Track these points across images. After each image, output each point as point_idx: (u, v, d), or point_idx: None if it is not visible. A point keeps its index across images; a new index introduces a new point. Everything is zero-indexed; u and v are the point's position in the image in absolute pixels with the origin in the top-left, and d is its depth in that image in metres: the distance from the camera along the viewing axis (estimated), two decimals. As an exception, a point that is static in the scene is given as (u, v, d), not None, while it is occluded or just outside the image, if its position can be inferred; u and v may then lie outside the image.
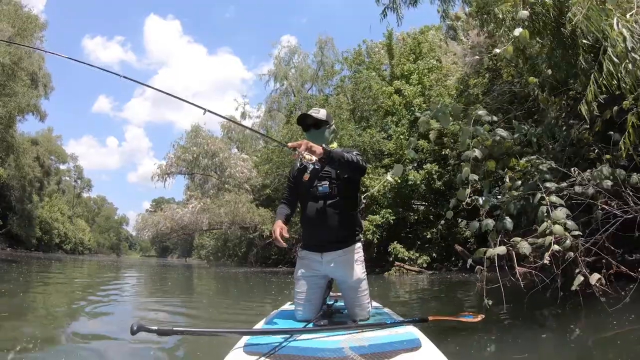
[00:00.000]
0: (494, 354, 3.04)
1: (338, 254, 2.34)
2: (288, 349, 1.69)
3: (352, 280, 2.32)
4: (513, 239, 3.24)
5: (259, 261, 23.53)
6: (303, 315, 2.30)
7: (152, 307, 5.75)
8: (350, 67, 19.85)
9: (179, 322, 4.70)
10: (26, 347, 2.97)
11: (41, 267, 16.41)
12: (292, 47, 25.48)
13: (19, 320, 4.18)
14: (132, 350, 3.07)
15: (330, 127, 2.54)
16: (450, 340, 2.95)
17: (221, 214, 19.93)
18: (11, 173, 31.80)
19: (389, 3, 6.02)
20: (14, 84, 15.53)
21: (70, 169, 56.49)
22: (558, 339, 3.23)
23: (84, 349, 3.14)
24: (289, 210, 2.63)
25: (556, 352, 2.94)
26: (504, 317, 3.79)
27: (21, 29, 16.98)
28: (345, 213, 2.37)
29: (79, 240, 55.69)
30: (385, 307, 2.80)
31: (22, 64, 16.12)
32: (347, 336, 1.87)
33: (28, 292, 6.84)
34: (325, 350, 1.68)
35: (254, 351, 1.65)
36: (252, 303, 6.50)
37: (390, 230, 14.33)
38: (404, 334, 1.92)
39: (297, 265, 2.48)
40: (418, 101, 15.43)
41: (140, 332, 1.44)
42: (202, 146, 22.15)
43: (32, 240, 40.54)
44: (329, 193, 2.34)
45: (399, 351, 1.64)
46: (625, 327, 3.12)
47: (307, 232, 2.47)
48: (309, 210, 2.39)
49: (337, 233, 2.34)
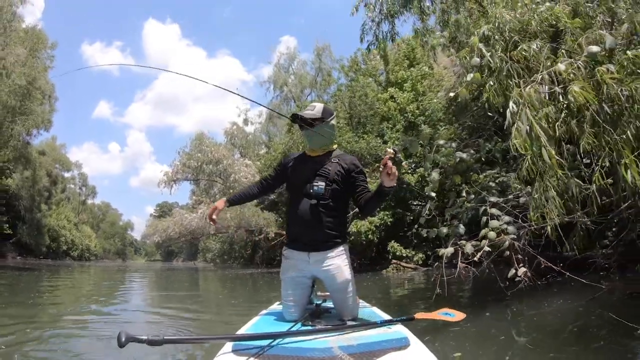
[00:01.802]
0: (480, 347, 3.34)
1: (326, 254, 2.35)
2: (277, 350, 1.72)
3: (339, 281, 2.33)
4: (460, 241, 4.39)
5: (264, 262, 24.71)
6: (291, 316, 2.33)
7: (176, 307, 6.42)
8: (346, 75, 20.99)
9: (193, 320, 5.26)
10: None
11: (60, 273, 17.74)
12: (291, 53, 26.75)
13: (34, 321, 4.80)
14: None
15: (327, 123, 2.48)
16: (437, 337, 3.31)
17: (228, 218, 21.15)
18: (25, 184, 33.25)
19: (372, 40, 7.14)
20: (30, 103, 16.82)
21: (75, 176, 58.15)
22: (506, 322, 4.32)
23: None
24: (256, 191, 2.68)
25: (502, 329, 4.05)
26: (484, 311, 4.38)
27: (33, 49, 18.29)
28: (336, 215, 2.39)
29: (86, 246, 57.24)
30: (373, 306, 2.87)
31: (36, 83, 17.35)
32: (336, 336, 1.91)
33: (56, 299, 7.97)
34: (314, 350, 1.72)
35: (243, 353, 1.67)
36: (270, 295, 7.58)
37: (388, 230, 15.43)
38: (392, 332, 1.98)
39: (282, 265, 2.48)
40: (411, 107, 16.48)
41: (129, 343, 1.43)
42: (207, 154, 23.36)
43: (42, 248, 41.98)
44: (322, 194, 2.35)
45: (388, 350, 1.69)
46: (541, 309, 4.28)
47: (295, 230, 2.45)
48: (300, 208, 2.38)
49: (326, 234, 2.35)
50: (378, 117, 18.04)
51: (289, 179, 2.54)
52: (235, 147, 26.35)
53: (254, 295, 9.08)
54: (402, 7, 6.74)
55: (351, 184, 2.39)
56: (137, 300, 8.33)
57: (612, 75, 2.86)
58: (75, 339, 3.86)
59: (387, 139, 16.19)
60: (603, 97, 2.91)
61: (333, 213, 2.36)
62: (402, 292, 8.17)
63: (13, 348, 3.36)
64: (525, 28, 5.07)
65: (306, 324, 2.16)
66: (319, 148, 2.50)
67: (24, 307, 6.08)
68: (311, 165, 2.42)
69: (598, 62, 3.20)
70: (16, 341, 3.61)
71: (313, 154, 2.51)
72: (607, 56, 3.18)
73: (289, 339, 1.84)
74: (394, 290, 8.49)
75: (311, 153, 2.52)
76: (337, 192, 2.36)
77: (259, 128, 28.17)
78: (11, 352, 3.22)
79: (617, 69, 2.95)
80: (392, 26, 7.05)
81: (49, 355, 3.30)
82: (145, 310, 6.30)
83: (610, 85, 2.86)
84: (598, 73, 2.96)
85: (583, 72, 3.08)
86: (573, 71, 3.13)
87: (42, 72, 18.75)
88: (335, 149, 2.54)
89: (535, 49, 4.54)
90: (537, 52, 4.55)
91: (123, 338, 1.41)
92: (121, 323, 4.91)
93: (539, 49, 4.53)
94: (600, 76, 2.94)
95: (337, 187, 2.35)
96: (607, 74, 2.91)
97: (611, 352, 2.85)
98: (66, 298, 8.19)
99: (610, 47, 3.23)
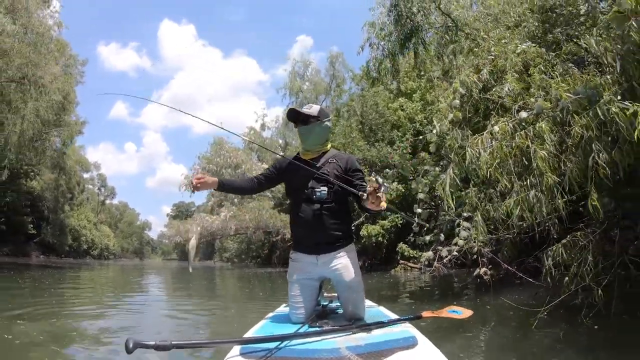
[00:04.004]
0: (485, 345, 3.64)
1: (334, 255, 2.41)
2: (284, 352, 1.75)
3: (348, 280, 2.37)
4: (437, 247, 5.95)
5: (281, 262, 26.38)
6: (299, 318, 2.37)
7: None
8: (358, 83, 22.54)
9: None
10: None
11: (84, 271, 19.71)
12: (306, 61, 28.51)
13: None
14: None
15: (322, 123, 2.51)
16: (446, 336, 3.46)
17: (247, 219, 22.87)
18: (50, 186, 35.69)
19: (376, 75, 8.71)
20: (66, 116, 18.91)
21: (94, 177, 60.92)
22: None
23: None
24: (247, 186, 2.76)
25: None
26: (487, 307, 5.35)
27: (65, 65, 20.37)
28: (340, 216, 2.45)
29: (105, 245, 59.99)
30: (379, 305, 2.90)
31: (69, 97, 19.36)
32: (343, 336, 1.93)
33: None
34: (322, 351, 1.75)
35: (250, 356, 1.71)
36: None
37: (397, 232, 16.84)
38: (400, 332, 2.01)
39: (290, 267, 2.53)
40: (420, 117, 17.83)
41: (136, 350, 1.46)
42: (226, 159, 25.21)
43: (64, 247, 44.57)
44: (325, 199, 2.40)
45: (396, 349, 1.72)
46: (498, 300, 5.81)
47: (300, 234, 2.50)
48: (304, 212, 2.43)
49: (331, 235, 2.41)
50: (389, 125, 19.38)
51: (288, 183, 2.61)
52: (253, 150, 28.14)
53: (280, 287, 10.67)
54: (401, 47, 8.26)
55: (349, 182, 2.39)
56: (168, 298, 9.57)
57: (523, 141, 4.37)
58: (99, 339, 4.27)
59: (396, 147, 17.48)
60: (516, 152, 4.43)
61: (337, 215, 2.43)
62: (405, 288, 9.75)
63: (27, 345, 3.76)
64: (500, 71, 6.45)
65: (313, 326, 2.20)
66: (313, 148, 2.55)
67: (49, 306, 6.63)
68: (308, 168, 2.41)
69: (527, 124, 4.68)
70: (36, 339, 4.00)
71: (307, 156, 2.54)
72: (532, 122, 4.65)
73: (297, 340, 1.88)
74: (402, 287, 10.06)
75: (305, 156, 2.56)
76: (338, 193, 2.40)
77: (275, 132, 30.07)
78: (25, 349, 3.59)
79: (534, 132, 4.43)
80: (392, 63, 8.61)
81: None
82: (178, 310, 6.88)
83: (523, 144, 4.39)
84: (517, 137, 4.47)
85: (510, 132, 4.58)
86: (503, 132, 4.63)
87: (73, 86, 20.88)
88: (329, 149, 2.59)
89: (507, 90, 5.99)
90: (509, 92, 5.99)
91: (131, 344, 1.45)
92: (142, 322, 5.53)
93: (510, 90, 5.97)
94: (517, 138, 4.46)
95: (339, 188, 2.37)
96: (522, 137, 4.42)
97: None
98: (89, 294, 9.44)
99: (537, 113, 4.71)
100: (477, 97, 6.42)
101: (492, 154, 4.63)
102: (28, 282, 11.40)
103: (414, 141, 17.56)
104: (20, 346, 3.69)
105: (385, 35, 8.26)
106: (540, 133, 4.27)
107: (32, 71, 14.09)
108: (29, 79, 14.08)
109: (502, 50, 6.37)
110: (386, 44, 8.43)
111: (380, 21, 8.39)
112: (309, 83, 28.02)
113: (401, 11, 7.48)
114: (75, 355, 3.63)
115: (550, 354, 3.44)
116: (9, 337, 3.87)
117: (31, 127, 15.40)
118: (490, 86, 6.47)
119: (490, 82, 6.33)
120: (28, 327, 4.46)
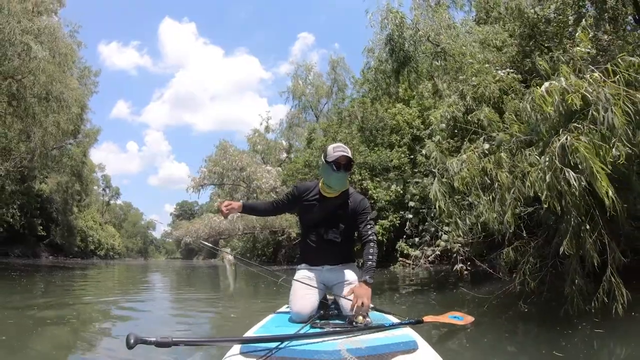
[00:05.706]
0: (489, 350, 3.47)
1: (338, 265, 2.66)
2: (285, 352, 1.79)
3: (349, 283, 2.50)
4: (423, 247, 7.27)
5: (286, 260, 27.51)
6: (300, 318, 2.42)
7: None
8: (359, 89, 23.71)
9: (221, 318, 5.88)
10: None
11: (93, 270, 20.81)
12: (308, 65, 29.83)
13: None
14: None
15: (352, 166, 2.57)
16: (446, 340, 3.43)
17: (254, 220, 24.12)
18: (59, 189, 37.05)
19: (375, 95, 9.97)
20: (84, 127, 20.37)
21: (98, 178, 62.28)
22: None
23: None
24: (266, 209, 2.94)
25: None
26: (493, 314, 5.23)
27: (80, 76, 21.75)
28: (346, 246, 2.71)
29: (110, 245, 61.27)
30: (381, 308, 2.93)
31: (86, 108, 20.79)
32: (344, 338, 1.96)
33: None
34: (322, 352, 1.78)
35: (251, 355, 1.76)
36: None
37: (397, 230, 18.03)
38: (401, 335, 2.05)
39: (296, 274, 2.71)
40: (417, 123, 18.99)
41: (137, 345, 1.49)
42: (231, 162, 26.49)
43: (73, 248, 45.96)
44: (337, 240, 2.61)
45: (396, 353, 1.78)
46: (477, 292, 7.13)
47: (309, 256, 2.73)
48: (315, 243, 2.66)
49: (338, 258, 2.69)
50: (388, 129, 20.50)
51: (304, 215, 2.72)
52: (257, 153, 29.41)
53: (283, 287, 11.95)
54: (395, 74, 9.54)
55: (357, 220, 2.56)
56: (171, 297, 9.90)
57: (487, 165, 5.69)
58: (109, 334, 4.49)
59: (395, 151, 18.59)
60: (482, 173, 5.74)
61: (344, 246, 2.67)
62: (403, 283, 11.06)
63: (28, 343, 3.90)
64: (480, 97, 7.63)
65: (314, 327, 2.22)
66: (340, 189, 2.61)
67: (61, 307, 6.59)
68: (328, 206, 2.55)
69: (490, 153, 5.98)
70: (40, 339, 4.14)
71: (329, 194, 2.62)
72: (494, 152, 5.93)
73: (297, 341, 1.88)
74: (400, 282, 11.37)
75: (327, 193, 2.63)
76: (348, 230, 2.63)
77: (279, 134, 31.46)
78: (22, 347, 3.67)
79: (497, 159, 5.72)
80: (388, 85, 9.89)
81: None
82: (181, 308, 7.16)
83: (487, 167, 5.70)
84: (482, 162, 5.78)
85: (477, 159, 5.88)
86: (470, 160, 5.94)
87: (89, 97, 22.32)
88: (348, 189, 2.65)
89: (482, 118, 7.25)
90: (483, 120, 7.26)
91: (132, 340, 1.48)
92: (148, 320, 5.63)
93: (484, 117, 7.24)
94: (484, 164, 5.77)
95: (349, 227, 2.59)
96: (486, 162, 5.73)
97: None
98: (97, 293, 9.77)
99: (498, 144, 5.99)
100: (461, 120, 7.53)
101: (463, 173, 5.91)
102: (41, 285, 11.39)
103: (411, 144, 18.64)
104: (21, 343, 3.88)
105: (381, 69, 9.50)
106: (499, 160, 5.55)
107: (56, 87, 15.36)
108: (53, 95, 15.34)
109: (482, 78, 7.54)
110: (383, 78, 9.69)
111: (377, 55, 9.69)
112: (311, 86, 29.38)
113: (395, 45, 8.73)
114: (77, 349, 3.86)
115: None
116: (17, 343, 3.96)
117: (52, 139, 16.71)
118: (471, 110, 7.58)
119: (472, 108, 7.51)
120: (35, 321, 4.87)
